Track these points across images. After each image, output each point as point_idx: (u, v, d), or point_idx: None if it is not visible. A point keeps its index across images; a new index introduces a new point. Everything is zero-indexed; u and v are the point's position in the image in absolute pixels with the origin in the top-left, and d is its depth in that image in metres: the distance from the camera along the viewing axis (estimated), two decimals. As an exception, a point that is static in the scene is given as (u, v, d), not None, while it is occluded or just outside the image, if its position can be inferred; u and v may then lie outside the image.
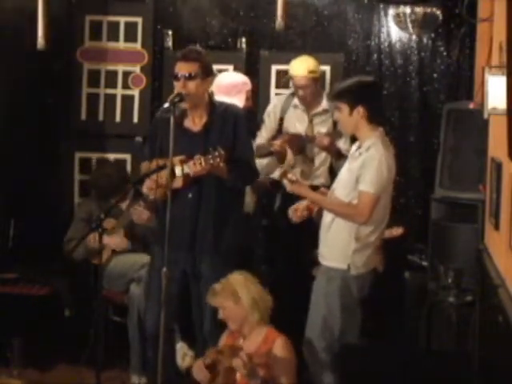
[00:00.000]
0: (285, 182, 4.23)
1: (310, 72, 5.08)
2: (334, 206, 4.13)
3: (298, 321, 4.39)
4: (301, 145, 5.11)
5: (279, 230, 5.24)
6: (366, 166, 4.01)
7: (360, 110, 4.06)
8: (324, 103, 5.18)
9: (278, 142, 5.08)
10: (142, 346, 4.75)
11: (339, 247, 4.09)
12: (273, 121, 5.26)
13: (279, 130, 5.25)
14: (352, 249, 4.06)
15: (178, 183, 4.06)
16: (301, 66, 5.11)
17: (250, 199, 5.17)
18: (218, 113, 4.20)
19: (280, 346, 3.85)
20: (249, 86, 5.13)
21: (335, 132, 5.09)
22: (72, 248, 4.78)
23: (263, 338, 3.90)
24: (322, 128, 5.16)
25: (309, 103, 5.18)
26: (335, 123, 5.09)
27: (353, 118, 4.08)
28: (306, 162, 5.16)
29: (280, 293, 4.19)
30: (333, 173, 5.01)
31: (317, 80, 5.15)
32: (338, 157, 5.06)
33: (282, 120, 5.24)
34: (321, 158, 5.17)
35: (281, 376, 3.78)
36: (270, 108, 5.33)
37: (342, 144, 5.09)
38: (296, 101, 5.22)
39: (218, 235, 4.20)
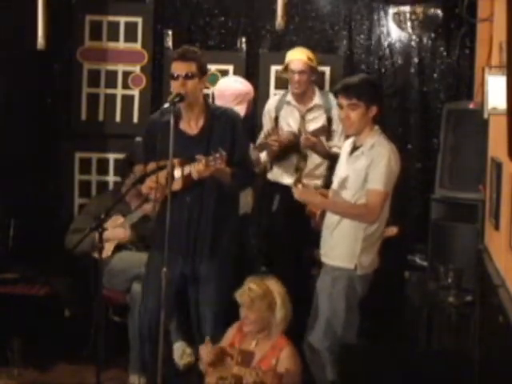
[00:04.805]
0: (295, 188, 4.10)
1: (308, 58, 5.10)
2: (343, 209, 4.06)
3: (297, 320, 4.38)
4: (295, 142, 5.08)
5: (277, 230, 5.25)
6: (376, 163, 3.97)
7: (373, 110, 4.05)
8: (316, 99, 5.17)
9: (283, 139, 5.04)
10: (142, 346, 4.74)
11: (346, 247, 4.05)
12: (268, 121, 5.26)
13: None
14: (359, 248, 4.03)
15: (177, 185, 4.05)
16: (299, 51, 5.17)
17: (249, 198, 5.16)
18: (216, 117, 4.19)
19: (287, 357, 3.84)
20: (251, 95, 5.15)
21: (320, 130, 5.06)
22: (74, 244, 4.73)
23: (272, 344, 3.89)
24: (314, 124, 5.13)
25: (301, 97, 5.16)
26: (329, 119, 5.10)
27: (366, 117, 4.04)
28: (300, 159, 5.13)
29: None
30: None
31: (313, 71, 5.13)
32: (327, 156, 5.05)
33: (277, 119, 5.24)
34: (318, 159, 5.13)
35: None
36: (265, 109, 5.33)
37: (336, 141, 5.07)
38: (289, 97, 5.21)
39: (216, 238, 4.19)
